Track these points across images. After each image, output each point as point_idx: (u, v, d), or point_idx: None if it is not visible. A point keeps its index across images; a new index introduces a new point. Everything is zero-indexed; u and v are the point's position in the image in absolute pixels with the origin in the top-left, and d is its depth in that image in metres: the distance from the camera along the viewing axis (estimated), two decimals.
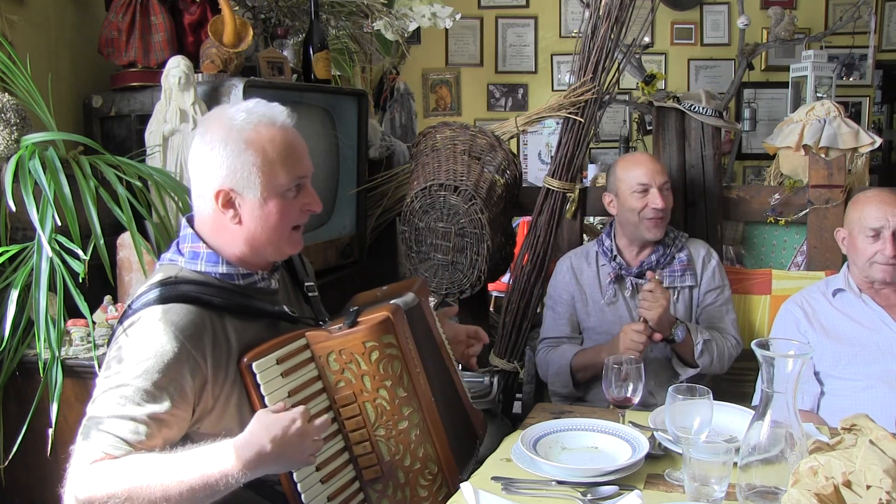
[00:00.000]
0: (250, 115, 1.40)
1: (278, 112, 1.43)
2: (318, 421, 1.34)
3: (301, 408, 1.31)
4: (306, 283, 1.64)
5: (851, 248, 2.11)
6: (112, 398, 1.28)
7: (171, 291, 1.35)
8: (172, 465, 1.24)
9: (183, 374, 1.30)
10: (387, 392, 1.46)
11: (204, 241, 1.43)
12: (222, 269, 1.43)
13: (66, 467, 1.28)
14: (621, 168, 2.33)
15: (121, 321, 1.38)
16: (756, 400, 2.11)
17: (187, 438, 1.35)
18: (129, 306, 1.38)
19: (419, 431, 1.49)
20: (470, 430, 1.69)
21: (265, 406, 1.36)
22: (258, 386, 1.36)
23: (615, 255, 2.30)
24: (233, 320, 1.40)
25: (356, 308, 1.51)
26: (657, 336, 2.10)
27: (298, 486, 1.38)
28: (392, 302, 1.52)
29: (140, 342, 1.30)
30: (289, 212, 1.43)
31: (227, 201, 1.39)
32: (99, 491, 1.22)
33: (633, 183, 2.25)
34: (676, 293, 2.28)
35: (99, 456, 1.25)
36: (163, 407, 1.28)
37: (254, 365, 1.36)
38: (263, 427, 1.26)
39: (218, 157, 1.38)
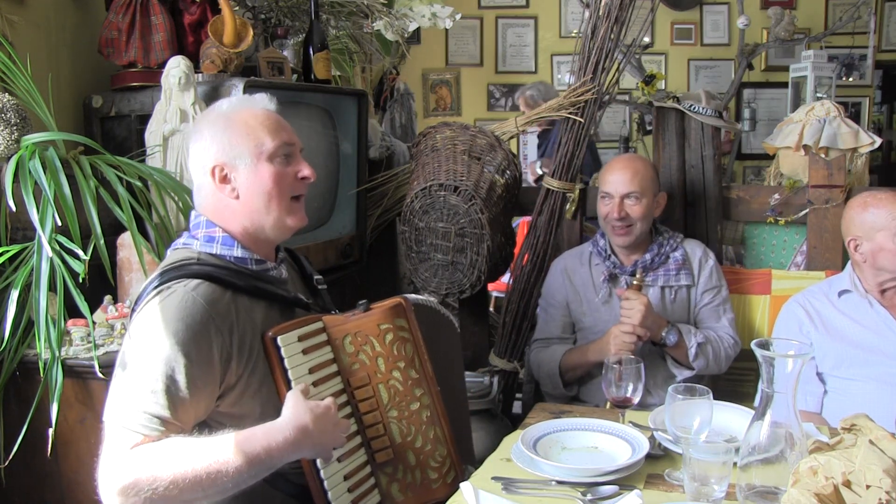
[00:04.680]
0: (232, 101, 1.52)
1: (259, 98, 1.52)
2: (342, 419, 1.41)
3: (330, 399, 1.38)
4: (315, 277, 1.66)
5: (879, 254, 2.03)
6: (141, 372, 1.28)
7: (196, 270, 1.38)
8: (214, 446, 1.25)
9: (211, 348, 1.32)
10: (400, 373, 1.50)
11: (218, 226, 1.46)
12: (237, 252, 1.45)
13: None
14: (601, 171, 2.38)
15: (140, 298, 1.39)
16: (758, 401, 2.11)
17: (204, 422, 1.36)
18: (149, 284, 1.39)
19: (430, 413, 1.53)
20: (468, 452, 1.70)
21: (288, 380, 1.39)
22: (282, 360, 1.39)
23: (609, 255, 2.31)
24: (252, 303, 1.43)
25: (366, 301, 1.55)
26: (645, 334, 2.10)
27: (318, 461, 1.40)
28: (401, 295, 1.57)
29: (170, 314, 1.31)
30: (282, 178, 1.46)
31: (223, 176, 1.45)
32: (143, 475, 1.21)
33: (601, 188, 2.30)
34: (673, 292, 2.29)
35: (137, 440, 1.25)
36: (192, 380, 1.29)
37: (279, 339, 1.40)
38: (306, 408, 1.32)
39: (207, 139, 1.46)
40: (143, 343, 1.30)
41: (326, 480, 1.40)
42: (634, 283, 2.15)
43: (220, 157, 1.44)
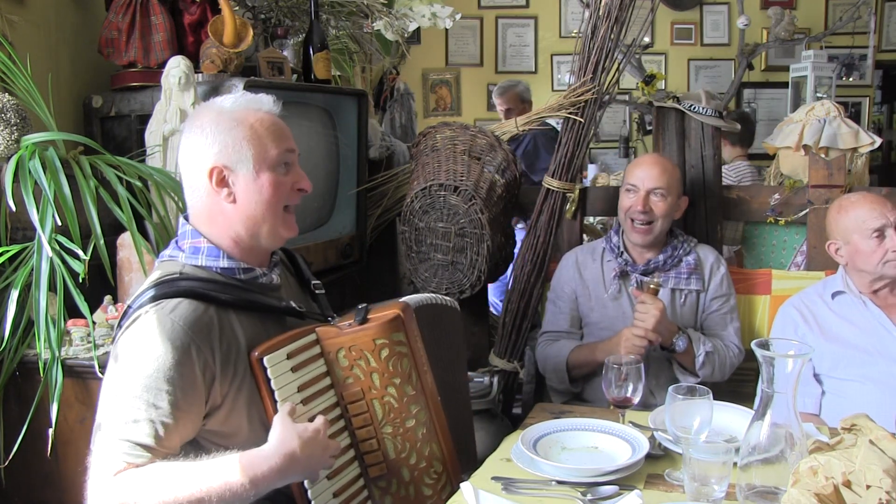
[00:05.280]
0: (237, 100, 1.45)
1: (265, 99, 1.47)
2: (333, 439, 1.39)
3: (321, 418, 1.35)
4: (313, 282, 1.64)
5: (856, 256, 2.07)
6: (123, 402, 1.26)
7: (177, 287, 1.34)
8: (199, 474, 1.24)
9: (194, 371, 1.29)
10: (395, 390, 1.46)
11: (204, 237, 1.43)
12: (223, 263, 1.42)
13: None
14: (628, 166, 2.39)
15: (121, 321, 1.37)
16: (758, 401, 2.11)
17: (194, 440, 1.34)
18: (131, 305, 1.37)
19: (426, 430, 1.50)
20: (471, 456, 1.69)
21: (275, 401, 1.36)
22: (269, 381, 1.36)
23: (622, 252, 2.31)
24: (239, 316, 1.39)
25: (365, 305, 1.51)
26: (657, 339, 2.10)
27: (305, 482, 1.37)
28: (402, 300, 1.52)
29: (148, 340, 1.28)
30: (281, 187, 1.43)
31: (221, 179, 1.40)
32: (125, 502, 1.21)
33: (626, 182, 2.30)
34: (683, 296, 2.28)
35: (121, 466, 1.24)
36: (176, 405, 1.27)
37: (265, 359, 1.35)
38: (293, 433, 1.29)
39: (209, 136, 1.40)
40: (124, 371, 1.29)
41: (313, 501, 1.38)
42: (651, 287, 2.13)
43: (221, 159, 1.39)
